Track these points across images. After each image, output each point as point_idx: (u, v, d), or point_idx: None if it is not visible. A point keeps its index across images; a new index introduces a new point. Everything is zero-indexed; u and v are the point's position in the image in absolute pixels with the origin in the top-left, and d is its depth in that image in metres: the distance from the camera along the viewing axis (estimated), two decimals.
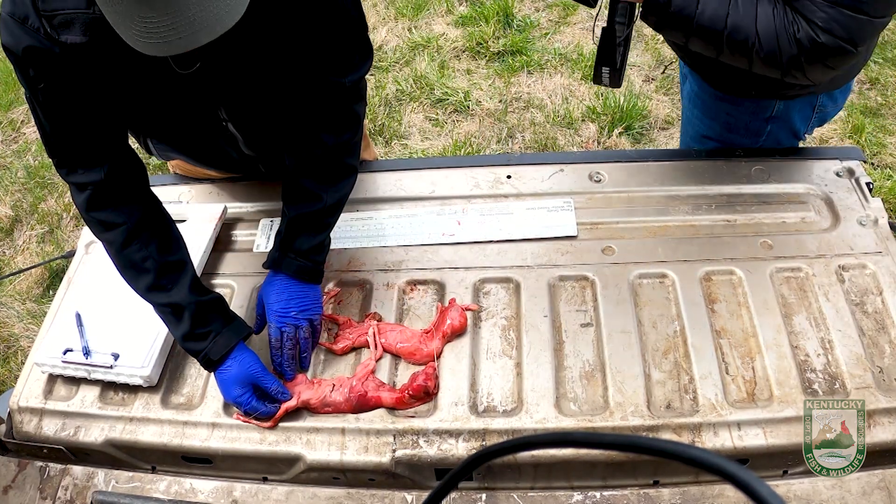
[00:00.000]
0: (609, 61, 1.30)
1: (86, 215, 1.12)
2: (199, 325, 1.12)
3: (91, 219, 1.12)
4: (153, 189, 1.21)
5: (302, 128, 1.22)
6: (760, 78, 1.23)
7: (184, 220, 1.44)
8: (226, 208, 1.46)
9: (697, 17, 1.11)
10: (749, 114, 1.41)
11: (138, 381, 1.18)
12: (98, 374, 1.20)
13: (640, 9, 1.16)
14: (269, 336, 1.18)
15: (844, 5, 1.04)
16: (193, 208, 1.46)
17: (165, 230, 1.17)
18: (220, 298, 1.18)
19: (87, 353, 1.20)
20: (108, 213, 1.11)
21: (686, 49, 1.23)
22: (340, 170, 1.26)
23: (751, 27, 1.10)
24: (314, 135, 1.21)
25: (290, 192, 1.24)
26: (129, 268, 1.13)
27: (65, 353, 1.21)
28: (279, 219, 1.45)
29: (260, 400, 1.12)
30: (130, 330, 1.24)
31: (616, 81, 1.33)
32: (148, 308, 1.20)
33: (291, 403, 1.13)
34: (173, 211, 1.46)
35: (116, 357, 1.20)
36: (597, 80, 1.34)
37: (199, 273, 1.34)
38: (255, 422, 1.13)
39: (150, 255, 1.12)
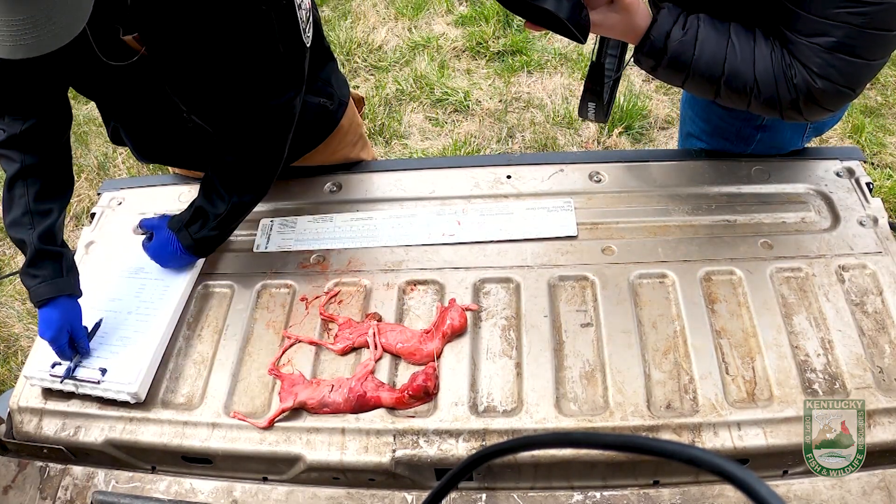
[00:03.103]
0: (596, 97, 1.26)
1: None
2: (32, 266, 1.22)
3: None
4: (150, 189, 1.28)
5: (230, 130, 1.28)
6: None
7: None
8: None
9: (694, 63, 1.07)
10: (741, 120, 1.40)
11: (125, 398, 1.17)
12: (86, 389, 1.19)
13: (633, 52, 1.12)
14: None
15: (840, 50, 1.01)
16: None
17: (51, 179, 1.26)
18: (61, 254, 1.23)
19: (70, 371, 1.19)
20: (13, 153, 1.23)
21: None
22: (247, 182, 1.30)
23: (749, 72, 1.06)
24: (234, 141, 1.27)
25: (205, 179, 1.31)
26: (5, 200, 1.25)
27: (52, 367, 1.20)
28: (279, 219, 1.45)
29: (70, 349, 1.20)
30: (119, 344, 1.24)
31: (602, 117, 1.29)
32: (139, 321, 1.26)
33: (288, 404, 1.13)
34: (173, 209, 1.46)
35: (104, 372, 1.19)
36: (582, 113, 1.30)
37: (195, 275, 1.35)
38: (251, 421, 1.13)
39: (25, 194, 1.23)
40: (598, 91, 1.26)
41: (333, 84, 1.49)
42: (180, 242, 1.29)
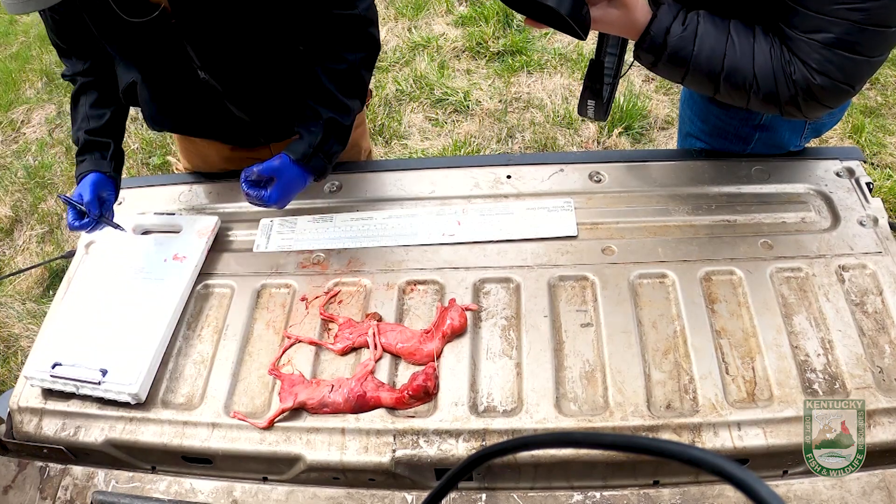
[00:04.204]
0: (595, 94, 1.26)
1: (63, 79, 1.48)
2: (79, 154, 1.39)
3: (65, 79, 1.48)
4: (150, 188, 1.30)
5: (324, 53, 1.34)
6: None
7: (177, 231, 1.43)
8: (219, 220, 1.44)
9: (693, 59, 1.07)
10: (739, 119, 1.40)
11: (126, 399, 1.17)
12: (86, 390, 1.19)
13: (633, 48, 1.12)
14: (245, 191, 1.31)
15: (839, 47, 1.01)
16: (186, 220, 1.45)
17: (105, 91, 1.43)
18: (107, 143, 1.39)
19: (94, 222, 1.33)
20: (76, 78, 1.43)
21: None
22: (361, 84, 1.37)
23: (748, 68, 1.07)
24: (337, 55, 1.33)
25: (320, 95, 1.33)
26: (72, 114, 1.45)
27: (53, 368, 1.20)
28: (279, 219, 1.45)
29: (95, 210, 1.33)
30: (120, 344, 1.23)
31: (601, 115, 1.29)
32: (139, 321, 1.26)
33: (288, 404, 1.13)
34: (167, 222, 1.47)
35: (105, 373, 1.19)
36: (581, 111, 1.30)
37: (195, 275, 1.35)
38: (251, 421, 1.13)
39: (85, 104, 1.42)
40: (598, 89, 1.26)
41: None
42: (310, 169, 1.32)
